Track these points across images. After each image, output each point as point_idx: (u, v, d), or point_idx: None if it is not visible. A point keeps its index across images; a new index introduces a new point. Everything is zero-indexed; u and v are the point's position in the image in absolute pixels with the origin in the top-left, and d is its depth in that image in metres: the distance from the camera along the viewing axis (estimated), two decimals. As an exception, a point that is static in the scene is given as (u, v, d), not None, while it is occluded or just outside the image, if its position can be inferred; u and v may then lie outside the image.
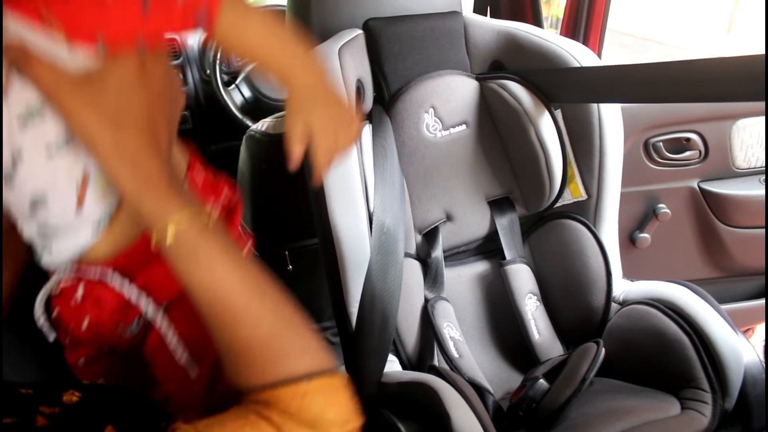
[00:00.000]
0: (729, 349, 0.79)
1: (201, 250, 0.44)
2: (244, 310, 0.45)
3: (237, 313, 0.45)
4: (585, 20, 1.41)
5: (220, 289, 0.44)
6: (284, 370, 0.44)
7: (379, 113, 0.97)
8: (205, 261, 0.44)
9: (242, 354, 0.45)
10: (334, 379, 0.46)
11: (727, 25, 5.19)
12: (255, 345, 0.45)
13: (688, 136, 1.33)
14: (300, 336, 0.47)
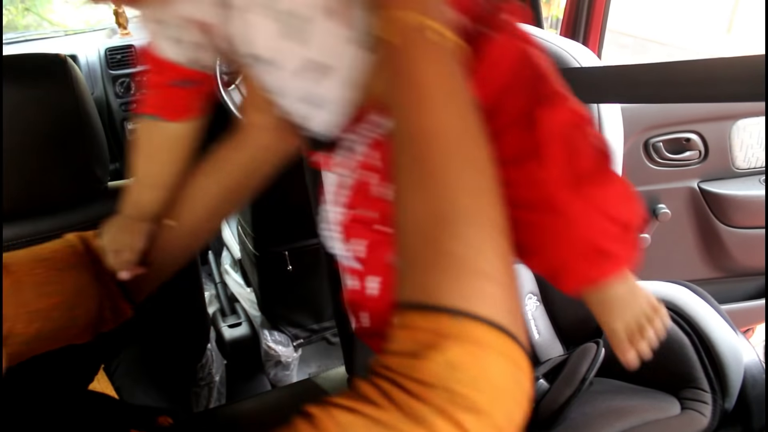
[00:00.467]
0: (729, 349, 0.79)
1: (426, 66, 0.37)
2: (450, 169, 0.34)
3: (440, 169, 0.34)
4: (585, 20, 1.41)
5: (428, 128, 0.35)
6: (463, 292, 0.31)
7: (379, 113, 0.97)
8: (426, 79, 0.37)
9: (419, 236, 0.33)
10: (519, 351, 0.32)
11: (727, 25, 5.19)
12: (441, 230, 0.32)
13: (688, 136, 1.33)
14: (501, 262, 0.33)
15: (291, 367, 1.65)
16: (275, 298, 1.63)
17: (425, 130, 0.35)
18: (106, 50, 1.82)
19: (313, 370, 1.69)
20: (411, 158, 0.35)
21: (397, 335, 0.32)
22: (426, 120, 0.35)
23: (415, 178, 0.34)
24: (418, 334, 0.31)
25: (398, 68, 0.38)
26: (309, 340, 1.74)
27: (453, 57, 0.39)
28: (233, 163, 0.61)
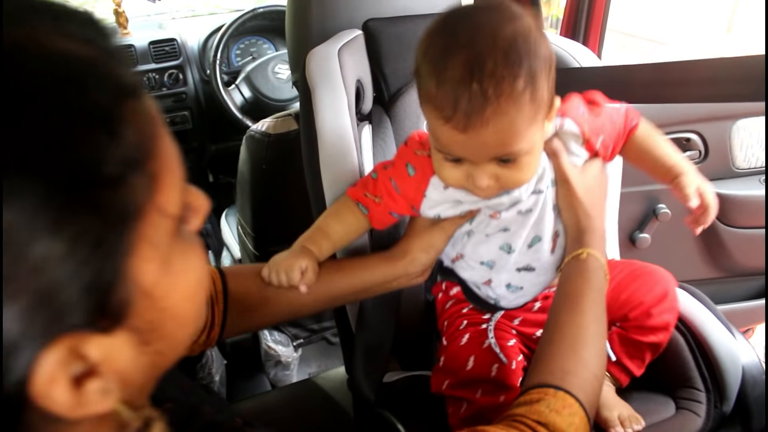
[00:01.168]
0: (725, 350, 0.79)
1: (586, 282, 0.66)
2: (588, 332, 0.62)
3: (581, 331, 0.62)
4: (585, 20, 1.41)
5: (573, 298, 0.65)
6: (566, 382, 0.57)
7: (379, 114, 0.97)
8: (588, 289, 0.65)
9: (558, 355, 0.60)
10: (584, 415, 0.56)
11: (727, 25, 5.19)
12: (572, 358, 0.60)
13: (688, 136, 1.33)
14: (594, 373, 0.60)
15: (291, 367, 1.65)
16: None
17: (577, 316, 0.63)
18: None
19: (313, 370, 1.69)
20: (567, 318, 0.63)
21: (524, 396, 0.57)
22: (579, 316, 0.63)
23: (566, 333, 0.62)
24: (534, 395, 0.57)
25: (567, 275, 0.68)
26: (309, 340, 1.74)
27: (603, 276, 0.67)
28: (376, 274, 0.77)
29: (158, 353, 0.34)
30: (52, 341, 0.27)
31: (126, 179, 0.29)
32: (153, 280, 0.32)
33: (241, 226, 1.62)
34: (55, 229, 0.26)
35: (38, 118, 0.26)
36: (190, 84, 1.93)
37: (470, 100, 0.55)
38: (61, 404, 0.28)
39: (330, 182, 0.83)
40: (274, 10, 1.84)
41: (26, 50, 0.27)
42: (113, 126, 0.29)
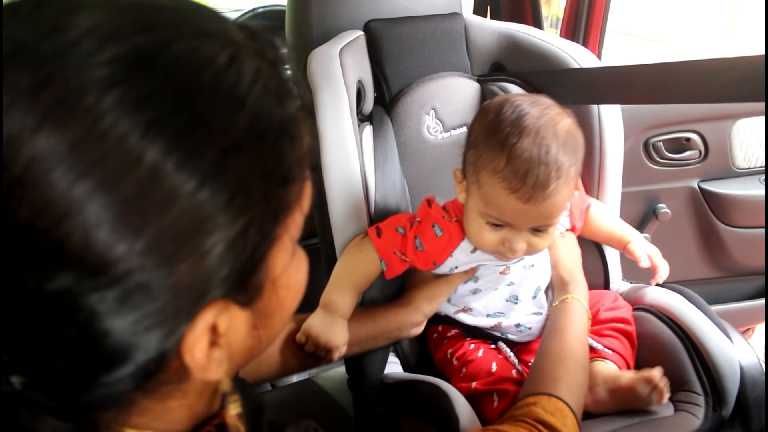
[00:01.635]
0: (722, 355, 0.79)
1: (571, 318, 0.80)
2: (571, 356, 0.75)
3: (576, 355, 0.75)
4: (585, 20, 1.41)
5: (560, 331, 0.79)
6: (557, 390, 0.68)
7: (380, 114, 0.97)
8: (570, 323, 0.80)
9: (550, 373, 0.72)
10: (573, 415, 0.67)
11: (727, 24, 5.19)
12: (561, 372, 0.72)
13: (688, 136, 1.33)
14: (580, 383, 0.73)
15: (291, 367, 1.64)
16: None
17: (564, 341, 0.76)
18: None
19: (313, 370, 1.69)
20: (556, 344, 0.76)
21: (522, 402, 0.68)
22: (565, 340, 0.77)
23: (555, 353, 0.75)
24: (530, 400, 0.67)
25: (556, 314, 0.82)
26: (309, 339, 1.73)
27: (586, 316, 0.82)
28: (382, 324, 0.82)
29: (259, 340, 0.39)
30: (211, 302, 0.32)
31: (295, 180, 0.35)
32: (281, 270, 0.37)
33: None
34: (243, 210, 0.31)
35: (249, 118, 0.31)
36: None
37: (538, 177, 0.67)
38: (197, 361, 0.33)
39: (332, 184, 0.83)
40: (274, 10, 1.84)
41: (242, 61, 0.32)
42: (293, 136, 0.34)
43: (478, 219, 0.75)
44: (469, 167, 0.74)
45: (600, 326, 0.86)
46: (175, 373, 0.34)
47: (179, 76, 0.29)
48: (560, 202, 0.70)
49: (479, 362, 0.81)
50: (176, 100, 0.29)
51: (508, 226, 0.73)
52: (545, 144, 0.67)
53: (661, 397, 0.76)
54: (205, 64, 0.30)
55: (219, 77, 0.30)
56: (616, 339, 0.85)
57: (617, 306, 0.89)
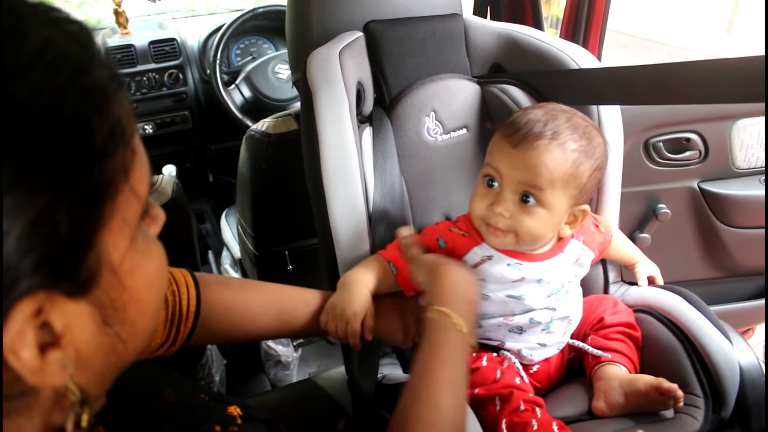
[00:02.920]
0: (722, 357, 0.79)
1: (444, 343, 0.65)
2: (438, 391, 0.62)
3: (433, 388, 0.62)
4: (585, 21, 1.41)
5: (433, 371, 0.63)
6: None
7: (380, 116, 0.97)
8: (438, 351, 0.65)
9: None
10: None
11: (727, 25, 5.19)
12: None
13: (688, 136, 1.33)
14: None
15: (291, 367, 1.65)
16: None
17: (435, 370, 0.63)
18: (105, 50, 1.82)
19: (313, 370, 1.69)
20: (422, 374, 0.63)
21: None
22: (436, 368, 0.63)
23: (422, 384, 0.62)
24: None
25: (429, 335, 0.67)
26: (309, 340, 1.74)
27: (463, 340, 0.66)
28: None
29: (119, 338, 0.36)
30: (24, 294, 0.29)
31: (108, 154, 0.32)
32: (120, 257, 0.34)
33: (241, 226, 1.62)
34: (41, 185, 0.28)
35: (33, 90, 0.29)
36: (190, 84, 1.93)
37: (532, 129, 0.72)
38: (25, 364, 0.30)
39: (332, 185, 0.83)
40: (274, 10, 1.84)
41: (25, 33, 0.30)
42: (101, 107, 0.32)
43: (478, 179, 0.79)
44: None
45: (607, 330, 0.86)
46: (12, 386, 0.31)
47: None
48: (549, 164, 0.72)
49: (484, 370, 0.81)
50: None
51: (499, 187, 0.76)
52: (553, 116, 0.74)
53: (677, 404, 0.77)
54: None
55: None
56: (623, 342, 0.85)
57: (618, 310, 0.89)
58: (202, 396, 0.52)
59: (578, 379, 0.88)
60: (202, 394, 0.52)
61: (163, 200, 1.03)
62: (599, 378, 0.82)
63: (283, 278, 1.55)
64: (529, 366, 0.85)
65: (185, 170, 2.14)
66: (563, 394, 0.86)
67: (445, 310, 0.67)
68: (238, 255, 1.76)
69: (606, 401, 0.79)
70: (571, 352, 0.90)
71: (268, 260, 1.52)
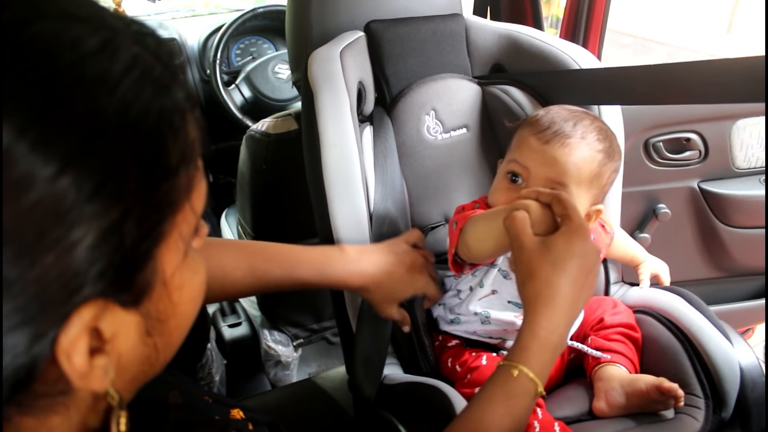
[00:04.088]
0: (722, 357, 0.79)
1: (512, 394, 0.57)
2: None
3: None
4: (585, 21, 1.41)
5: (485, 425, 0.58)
6: None
7: (380, 115, 0.97)
8: (504, 400, 0.58)
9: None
10: None
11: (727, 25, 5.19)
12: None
13: (688, 136, 1.33)
14: None
15: (291, 367, 1.65)
16: (275, 298, 1.63)
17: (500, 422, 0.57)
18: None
19: (313, 370, 1.69)
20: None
21: None
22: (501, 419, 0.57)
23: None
24: None
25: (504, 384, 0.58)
26: (309, 340, 1.74)
27: (524, 393, 0.57)
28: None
29: (155, 349, 0.37)
30: (85, 301, 0.30)
31: (179, 173, 0.33)
32: (172, 271, 0.35)
33: (241, 226, 1.62)
34: (116, 197, 0.29)
35: (120, 104, 0.30)
36: (190, 84, 1.93)
37: (562, 128, 0.75)
38: (75, 368, 0.30)
39: (333, 185, 0.83)
40: (274, 10, 1.84)
41: (118, 48, 0.31)
42: (176, 127, 0.33)
43: (500, 176, 0.80)
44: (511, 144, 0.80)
45: (607, 331, 0.86)
46: (55, 384, 0.32)
47: (37, 55, 0.28)
48: (575, 164, 0.74)
49: (483, 369, 0.81)
50: (33, 79, 0.27)
51: (524, 183, 0.77)
52: (580, 118, 0.77)
53: (678, 403, 0.77)
54: (71, 45, 0.29)
55: (86, 60, 0.29)
56: (623, 343, 0.85)
57: (618, 311, 0.90)
58: (206, 398, 0.52)
59: (579, 380, 0.88)
60: (205, 396, 0.52)
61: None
62: (600, 378, 0.82)
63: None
64: None
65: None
66: (564, 394, 0.86)
67: (529, 375, 0.57)
68: (238, 255, 1.75)
69: (607, 401, 0.79)
70: (571, 353, 0.90)
71: (268, 260, 1.52)
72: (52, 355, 0.30)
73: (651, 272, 0.95)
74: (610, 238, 0.91)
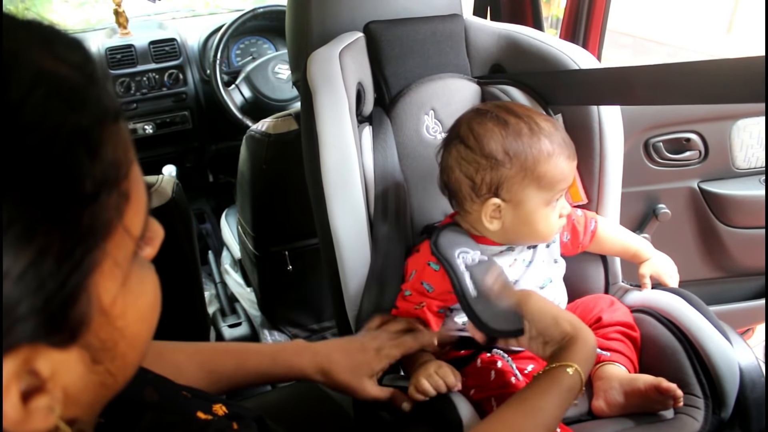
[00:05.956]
0: (722, 358, 0.79)
1: (560, 389, 0.64)
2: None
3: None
4: (585, 21, 1.41)
5: (542, 411, 0.63)
6: None
7: (380, 115, 0.97)
8: (551, 400, 0.64)
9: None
10: None
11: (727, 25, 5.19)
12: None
13: (688, 136, 1.33)
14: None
15: (291, 367, 1.64)
16: (275, 298, 1.64)
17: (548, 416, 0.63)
18: (106, 50, 1.82)
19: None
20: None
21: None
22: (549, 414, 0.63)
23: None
24: None
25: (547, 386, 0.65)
26: (309, 340, 1.73)
27: (572, 389, 0.64)
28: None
29: (108, 373, 0.34)
30: (9, 350, 0.27)
31: (100, 198, 0.30)
32: (112, 299, 0.32)
33: (241, 226, 1.62)
34: (25, 239, 0.26)
35: (21, 131, 0.26)
36: (190, 84, 1.93)
37: (564, 139, 0.79)
38: (8, 418, 0.28)
39: (331, 186, 0.83)
40: (274, 10, 1.84)
41: (16, 64, 0.28)
42: (93, 147, 0.30)
43: (543, 211, 0.79)
44: (506, 184, 0.78)
45: (606, 329, 0.86)
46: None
47: None
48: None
49: (479, 371, 0.82)
50: None
51: (558, 196, 0.80)
52: (544, 123, 0.79)
53: (677, 403, 0.77)
54: None
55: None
56: (622, 342, 0.85)
57: (616, 309, 0.90)
58: (185, 394, 0.51)
59: (578, 380, 0.88)
60: (183, 392, 0.51)
61: (163, 200, 1.03)
62: (599, 377, 0.82)
63: (284, 278, 1.55)
64: (523, 367, 0.85)
65: (185, 170, 2.14)
66: (563, 394, 0.86)
67: (579, 370, 0.64)
68: (238, 255, 1.76)
69: (606, 401, 0.79)
70: None
71: (268, 260, 1.52)
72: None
73: (651, 273, 0.94)
74: (591, 233, 0.92)
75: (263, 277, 1.58)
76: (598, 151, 0.92)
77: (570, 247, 0.92)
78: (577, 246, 0.93)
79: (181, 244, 1.10)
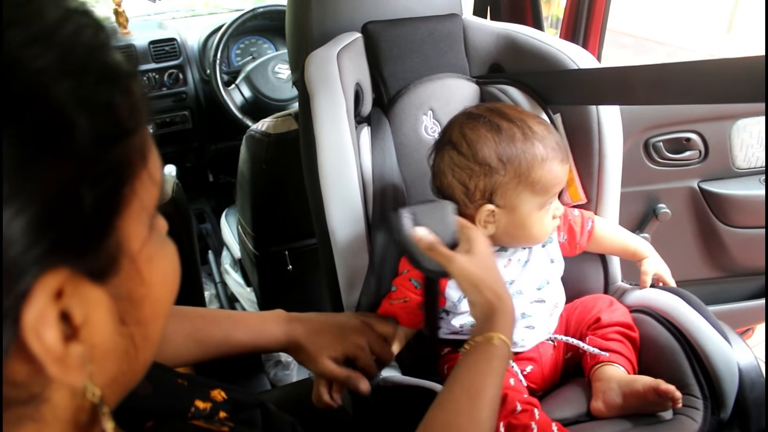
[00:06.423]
0: (721, 358, 0.78)
1: (489, 361, 0.64)
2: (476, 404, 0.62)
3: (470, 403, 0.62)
4: (585, 21, 1.41)
5: (476, 386, 0.63)
6: None
7: (378, 115, 0.97)
8: (481, 368, 0.64)
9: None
10: None
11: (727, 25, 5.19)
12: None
13: (688, 136, 1.33)
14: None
15: (291, 367, 1.65)
16: (275, 298, 1.63)
17: (483, 390, 0.62)
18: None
19: (313, 370, 1.69)
20: (466, 406, 0.62)
21: None
22: (484, 388, 0.63)
23: (463, 418, 0.62)
24: None
25: (476, 360, 0.65)
26: (309, 340, 1.73)
27: (502, 358, 0.65)
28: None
29: (132, 342, 0.34)
30: (47, 270, 0.27)
31: (129, 131, 0.31)
32: (139, 245, 0.33)
33: (241, 225, 1.62)
34: (65, 155, 0.27)
35: (57, 54, 0.28)
36: (190, 84, 1.93)
37: (558, 142, 0.80)
38: (48, 347, 0.28)
39: (329, 187, 0.83)
40: (274, 10, 1.84)
41: (46, 8, 0.29)
42: (122, 84, 0.31)
43: (538, 215, 0.80)
44: (500, 190, 0.78)
45: (605, 330, 0.86)
46: (24, 387, 0.29)
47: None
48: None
49: None
50: None
51: (551, 199, 0.81)
52: (537, 127, 0.79)
53: (675, 405, 0.76)
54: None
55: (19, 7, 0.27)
56: (621, 343, 0.85)
57: (615, 309, 0.90)
58: (180, 381, 0.50)
59: (577, 380, 0.88)
60: (179, 379, 0.51)
61: (163, 200, 1.02)
62: (598, 378, 0.82)
63: (284, 278, 1.55)
64: (523, 367, 0.85)
65: (185, 170, 2.14)
66: (562, 395, 0.86)
67: (506, 340, 0.65)
68: (238, 255, 1.76)
69: (604, 402, 0.79)
70: (568, 352, 0.90)
71: (268, 260, 1.52)
72: (18, 344, 0.27)
73: (654, 273, 0.94)
74: (588, 233, 0.92)
75: (263, 277, 1.58)
76: (597, 151, 0.91)
77: (568, 248, 0.92)
78: (575, 246, 0.92)
79: (181, 244, 1.10)
